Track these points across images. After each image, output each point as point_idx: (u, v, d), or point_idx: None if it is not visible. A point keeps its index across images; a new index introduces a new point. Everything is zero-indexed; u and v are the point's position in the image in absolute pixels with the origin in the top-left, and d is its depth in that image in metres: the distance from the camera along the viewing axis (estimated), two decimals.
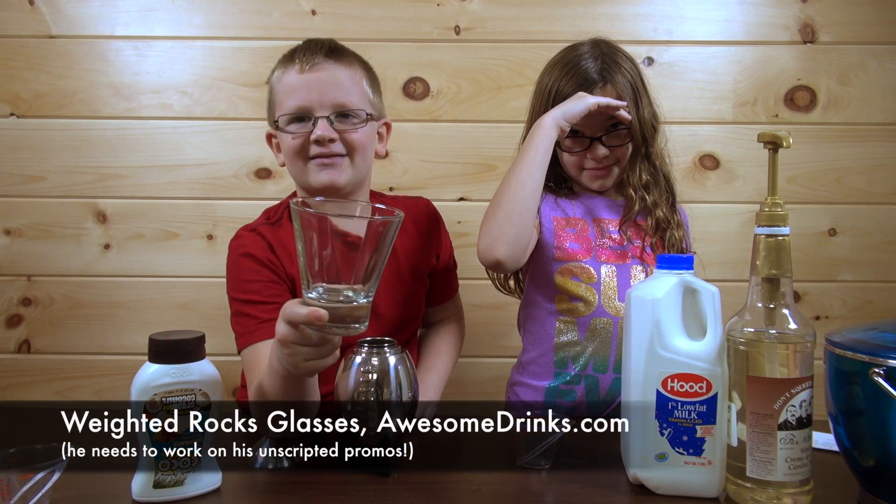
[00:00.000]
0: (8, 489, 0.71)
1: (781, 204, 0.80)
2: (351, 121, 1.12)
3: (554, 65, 1.25)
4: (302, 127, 1.10)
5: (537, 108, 1.24)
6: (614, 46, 1.25)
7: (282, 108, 1.12)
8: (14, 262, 1.68)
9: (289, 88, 1.11)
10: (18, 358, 1.69)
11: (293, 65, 1.11)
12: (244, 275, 1.11)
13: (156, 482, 0.79)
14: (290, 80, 1.11)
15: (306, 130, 1.10)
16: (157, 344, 0.80)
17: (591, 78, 1.19)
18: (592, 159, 1.22)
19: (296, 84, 1.10)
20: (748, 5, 1.67)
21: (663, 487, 0.82)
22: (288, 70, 1.12)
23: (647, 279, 0.87)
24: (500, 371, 1.70)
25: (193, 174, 1.68)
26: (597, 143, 1.20)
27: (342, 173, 1.12)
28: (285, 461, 0.89)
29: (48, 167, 1.66)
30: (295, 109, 1.10)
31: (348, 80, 1.13)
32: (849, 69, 1.66)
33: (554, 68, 1.24)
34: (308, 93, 1.10)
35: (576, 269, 1.21)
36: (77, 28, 1.65)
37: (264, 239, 1.14)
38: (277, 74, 1.15)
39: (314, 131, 1.09)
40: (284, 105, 1.12)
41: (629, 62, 1.23)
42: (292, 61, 1.12)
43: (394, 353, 0.90)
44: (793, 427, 0.76)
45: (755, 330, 0.79)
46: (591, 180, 1.25)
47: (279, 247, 1.13)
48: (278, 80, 1.14)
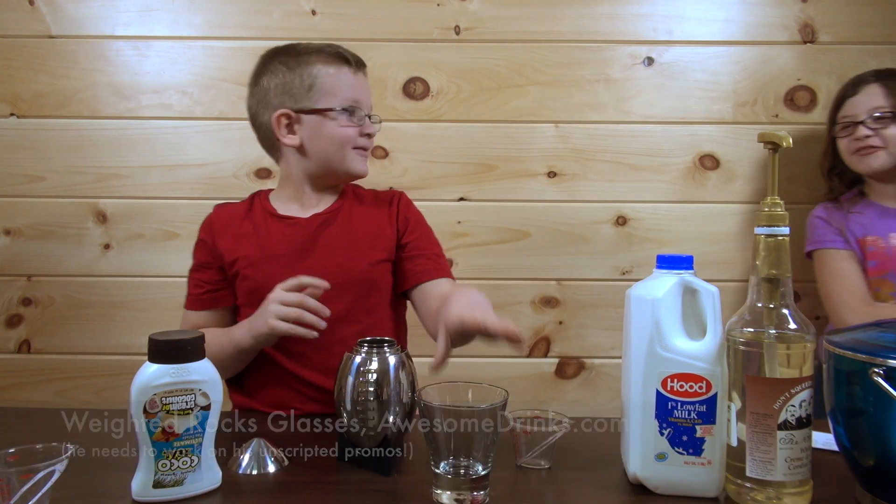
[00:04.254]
0: (8, 489, 0.71)
1: (781, 204, 0.80)
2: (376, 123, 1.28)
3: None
4: (351, 120, 1.24)
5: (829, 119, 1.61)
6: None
7: (335, 98, 1.23)
8: (14, 262, 1.68)
9: (347, 83, 1.23)
10: (18, 358, 1.69)
11: (345, 65, 1.24)
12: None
13: (156, 482, 0.79)
14: (347, 77, 1.24)
15: (360, 122, 1.24)
16: (157, 344, 0.80)
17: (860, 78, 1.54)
18: (855, 139, 1.48)
19: (353, 82, 1.24)
20: (748, 5, 1.67)
21: (663, 487, 0.82)
22: (342, 68, 1.24)
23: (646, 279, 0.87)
24: (499, 371, 1.71)
25: (193, 174, 1.68)
26: (860, 125, 1.49)
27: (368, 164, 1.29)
28: (270, 465, 0.89)
29: (48, 167, 1.67)
30: (353, 102, 1.23)
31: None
32: (849, 69, 1.66)
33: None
34: (361, 92, 1.25)
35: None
36: (77, 28, 1.66)
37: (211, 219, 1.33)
38: (326, 67, 1.24)
39: (367, 125, 1.25)
40: (340, 96, 1.23)
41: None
42: (343, 60, 1.24)
43: (394, 353, 0.91)
44: (792, 427, 0.76)
45: (755, 330, 0.79)
46: (858, 162, 1.51)
47: (218, 225, 1.30)
48: (329, 74, 1.24)
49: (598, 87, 1.69)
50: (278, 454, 0.91)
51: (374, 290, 1.26)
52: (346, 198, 1.32)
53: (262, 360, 1.21)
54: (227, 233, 1.28)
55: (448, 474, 0.78)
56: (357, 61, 1.26)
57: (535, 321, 1.72)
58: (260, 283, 1.19)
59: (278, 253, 1.23)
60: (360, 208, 1.31)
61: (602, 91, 1.69)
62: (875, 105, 1.49)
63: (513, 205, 1.70)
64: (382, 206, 1.32)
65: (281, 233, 1.25)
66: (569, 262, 1.70)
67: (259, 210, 1.30)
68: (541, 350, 1.73)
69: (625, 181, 1.59)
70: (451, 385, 0.85)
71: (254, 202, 1.32)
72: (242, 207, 1.32)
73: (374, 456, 0.89)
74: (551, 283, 1.72)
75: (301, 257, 1.23)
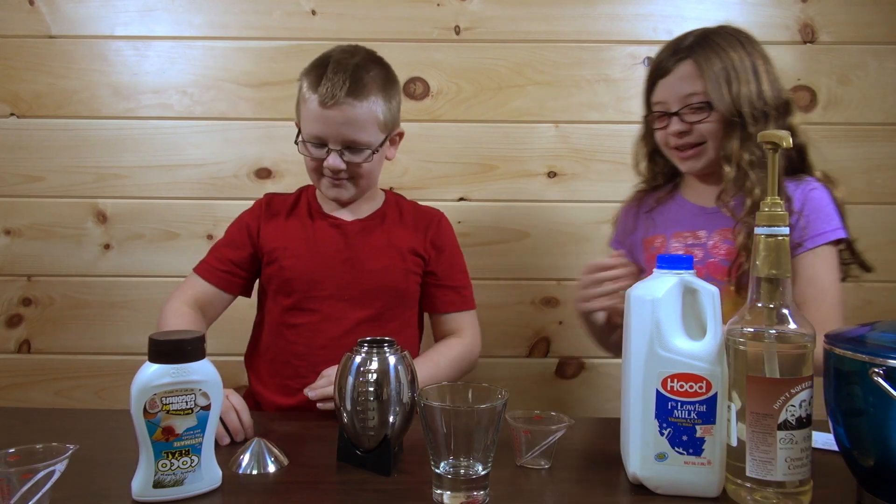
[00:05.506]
0: (8, 489, 0.71)
1: (781, 204, 0.80)
2: (358, 155, 1.25)
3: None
4: (318, 150, 1.25)
5: (645, 88, 1.30)
6: (728, 28, 1.26)
7: (305, 128, 1.25)
8: (14, 262, 1.68)
9: (311, 116, 1.23)
10: (18, 358, 1.69)
11: (316, 94, 1.21)
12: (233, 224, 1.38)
13: (156, 482, 0.79)
14: (313, 108, 1.22)
15: (319, 155, 1.25)
16: (157, 344, 0.80)
17: (669, 57, 1.23)
18: (671, 135, 1.23)
19: (316, 115, 1.22)
20: (748, 5, 1.67)
21: (663, 487, 0.82)
22: (312, 98, 1.22)
23: (646, 279, 0.87)
24: (499, 371, 1.71)
25: (193, 174, 1.68)
26: (674, 117, 1.22)
27: (347, 191, 1.29)
28: (270, 465, 0.89)
29: (48, 167, 1.66)
30: (313, 138, 1.24)
31: (363, 117, 1.23)
32: (849, 69, 1.66)
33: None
34: (326, 127, 1.22)
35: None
36: (77, 28, 1.65)
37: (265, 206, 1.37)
38: (306, 90, 1.24)
39: (327, 160, 1.24)
40: (307, 126, 1.25)
41: (735, 40, 1.22)
42: (317, 87, 1.21)
43: (394, 353, 0.90)
44: (792, 427, 0.76)
45: (755, 330, 0.79)
46: (680, 161, 1.26)
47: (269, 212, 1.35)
48: (304, 99, 1.24)
49: (598, 87, 1.69)
50: (278, 454, 0.91)
51: (403, 299, 1.33)
52: (388, 207, 1.37)
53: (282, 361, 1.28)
54: (275, 221, 1.33)
55: (448, 474, 0.78)
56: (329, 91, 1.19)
57: (535, 321, 1.72)
58: (298, 275, 1.28)
59: (321, 250, 1.30)
60: (400, 222, 1.36)
61: (602, 91, 1.69)
62: (688, 91, 1.20)
63: (513, 205, 1.70)
64: (420, 225, 1.37)
65: (325, 231, 1.32)
66: (569, 262, 1.70)
67: (305, 205, 1.36)
68: (541, 350, 1.73)
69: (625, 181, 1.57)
70: (451, 385, 0.85)
71: (301, 197, 1.38)
72: (290, 199, 1.37)
73: (374, 456, 0.89)
74: (551, 283, 1.72)
75: (341, 258, 1.30)
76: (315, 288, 1.28)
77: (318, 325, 1.28)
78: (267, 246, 1.31)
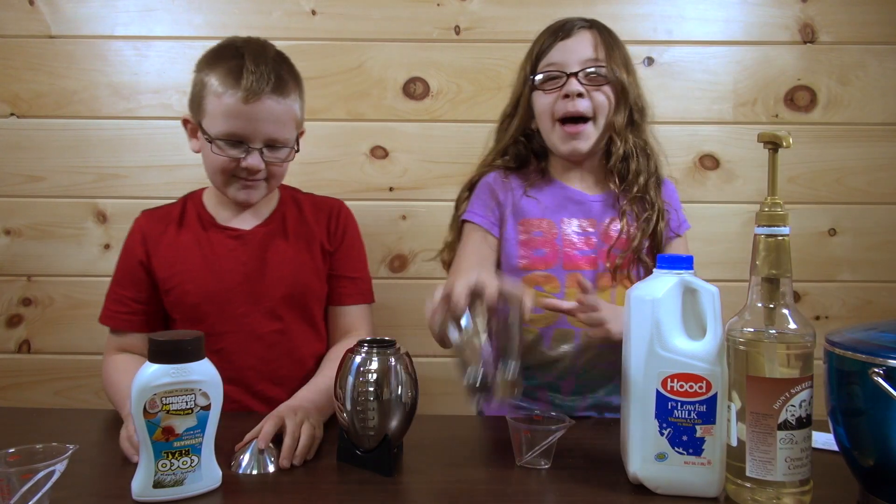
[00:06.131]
0: (8, 489, 0.71)
1: (781, 204, 0.80)
2: (279, 153, 1.18)
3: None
4: (233, 149, 1.14)
5: (525, 66, 1.29)
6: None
7: (216, 125, 1.14)
8: (14, 262, 1.68)
9: (228, 112, 1.13)
10: (18, 358, 1.69)
11: (237, 90, 1.11)
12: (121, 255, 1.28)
13: (156, 482, 0.79)
14: (231, 104, 1.12)
15: (237, 154, 1.15)
16: (157, 344, 0.80)
17: (573, 22, 1.24)
18: (567, 95, 1.19)
19: (236, 112, 1.12)
20: (748, 5, 1.67)
21: (663, 487, 0.82)
22: (230, 92, 1.12)
23: (646, 279, 0.87)
24: None
25: (193, 174, 1.67)
26: (572, 78, 1.19)
27: (258, 193, 1.21)
28: (270, 466, 0.89)
29: (48, 167, 1.66)
30: (230, 136, 1.14)
31: (285, 114, 1.17)
32: (849, 69, 1.66)
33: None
34: (247, 123, 1.13)
35: (540, 278, 1.20)
36: (77, 28, 1.65)
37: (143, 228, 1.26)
38: (215, 85, 1.13)
39: (246, 159, 1.15)
40: (219, 124, 1.14)
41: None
42: (237, 84, 1.12)
43: (394, 353, 0.90)
44: (792, 427, 0.76)
45: (755, 330, 0.79)
46: (563, 140, 1.21)
47: (152, 236, 1.24)
48: (216, 94, 1.13)
49: None
50: (278, 454, 0.91)
51: (317, 301, 1.27)
52: (284, 205, 1.29)
53: (233, 383, 1.15)
54: (163, 244, 1.22)
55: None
56: (253, 87, 1.11)
57: None
58: (204, 299, 1.19)
59: (225, 267, 1.21)
60: (301, 219, 1.28)
61: None
62: (590, 56, 1.20)
63: None
64: (321, 216, 1.30)
65: (225, 246, 1.22)
66: None
67: (195, 217, 1.25)
68: None
69: None
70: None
71: (187, 206, 1.27)
72: (175, 213, 1.26)
73: (374, 456, 0.89)
74: None
75: (249, 273, 1.21)
76: (227, 307, 1.19)
77: (242, 344, 1.19)
78: (162, 273, 1.20)
